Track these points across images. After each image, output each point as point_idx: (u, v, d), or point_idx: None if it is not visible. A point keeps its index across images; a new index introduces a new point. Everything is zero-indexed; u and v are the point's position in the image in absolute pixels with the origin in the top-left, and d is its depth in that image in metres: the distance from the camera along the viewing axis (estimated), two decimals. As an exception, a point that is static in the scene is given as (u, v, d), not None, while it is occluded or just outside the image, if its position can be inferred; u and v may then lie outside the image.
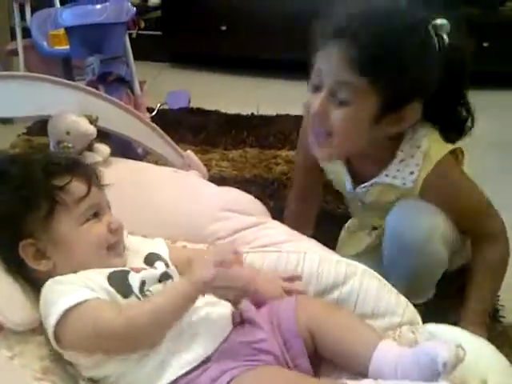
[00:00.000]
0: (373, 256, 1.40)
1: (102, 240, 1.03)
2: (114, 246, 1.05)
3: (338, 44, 1.14)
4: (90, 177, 1.05)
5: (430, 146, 1.25)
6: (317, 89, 1.19)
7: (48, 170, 1.02)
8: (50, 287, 0.98)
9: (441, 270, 1.32)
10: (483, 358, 0.91)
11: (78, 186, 1.02)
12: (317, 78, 1.19)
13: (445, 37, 1.19)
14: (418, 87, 1.17)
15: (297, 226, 1.34)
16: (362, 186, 1.34)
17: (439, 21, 1.19)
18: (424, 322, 1.06)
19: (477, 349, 0.90)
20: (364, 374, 0.93)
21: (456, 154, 1.31)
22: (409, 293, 1.25)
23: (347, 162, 1.35)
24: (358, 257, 1.41)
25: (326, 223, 1.69)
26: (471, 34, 1.21)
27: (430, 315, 1.11)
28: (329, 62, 1.16)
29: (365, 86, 1.14)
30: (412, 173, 1.25)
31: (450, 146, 1.27)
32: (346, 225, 1.64)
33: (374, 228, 1.48)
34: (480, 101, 1.31)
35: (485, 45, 2.96)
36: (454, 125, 1.29)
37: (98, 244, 1.02)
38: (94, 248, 1.02)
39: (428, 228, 1.25)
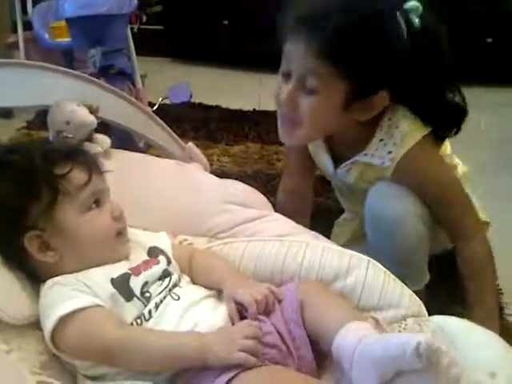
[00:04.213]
0: (361, 244, 1.40)
1: (110, 228, 1.02)
2: (121, 233, 1.04)
3: (302, 32, 1.15)
4: (91, 164, 1.04)
5: (408, 127, 1.25)
6: (287, 76, 1.20)
7: (48, 159, 1.00)
8: (50, 289, 0.97)
9: (423, 245, 1.31)
10: (492, 351, 0.90)
11: (79, 174, 1.01)
12: (286, 66, 1.20)
13: (416, 21, 1.18)
14: (384, 75, 1.17)
15: None
16: (343, 165, 1.34)
17: (410, 3, 1.18)
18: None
19: (486, 341, 0.89)
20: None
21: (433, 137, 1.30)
22: (402, 278, 1.24)
23: (327, 144, 1.35)
24: (347, 245, 1.40)
25: (325, 219, 1.68)
26: (474, 30, 1.20)
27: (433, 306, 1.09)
28: (295, 50, 1.17)
29: (331, 74, 1.14)
30: (390, 152, 1.26)
31: (428, 129, 1.27)
32: (338, 220, 1.64)
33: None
34: (483, 97, 1.30)
35: (488, 41, 2.94)
36: (441, 119, 1.28)
37: (105, 232, 1.02)
38: (102, 236, 1.01)
39: (399, 206, 1.26)
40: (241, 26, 3.30)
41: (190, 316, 0.98)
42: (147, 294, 0.99)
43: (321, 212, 1.77)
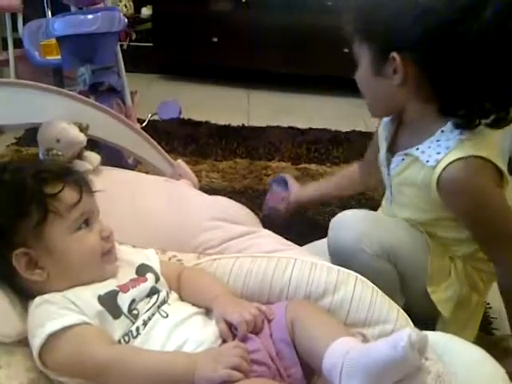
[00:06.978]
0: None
1: (97, 248, 1.02)
2: (108, 253, 1.04)
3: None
4: (82, 184, 1.04)
5: (469, 138, 1.18)
6: None
7: (39, 178, 1.00)
8: (38, 307, 0.96)
9: (388, 283, 1.24)
10: (481, 368, 0.90)
11: (69, 194, 1.01)
12: None
13: None
14: (397, 37, 1.17)
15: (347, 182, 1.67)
16: (398, 153, 1.29)
17: None
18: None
19: (474, 358, 0.89)
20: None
21: (494, 169, 1.18)
22: None
23: (394, 130, 1.35)
24: None
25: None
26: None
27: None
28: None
29: (358, 41, 1.25)
30: (439, 153, 1.19)
31: (486, 152, 1.17)
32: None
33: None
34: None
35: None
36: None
37: (92, 252, 1.02)
38: (89, 256, 1.01)
39: (351, 239, 1.24)
40: (230, 43, 3.33)
41: (179, 333, 0.98)
42: (135, 312, 1.00)
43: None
